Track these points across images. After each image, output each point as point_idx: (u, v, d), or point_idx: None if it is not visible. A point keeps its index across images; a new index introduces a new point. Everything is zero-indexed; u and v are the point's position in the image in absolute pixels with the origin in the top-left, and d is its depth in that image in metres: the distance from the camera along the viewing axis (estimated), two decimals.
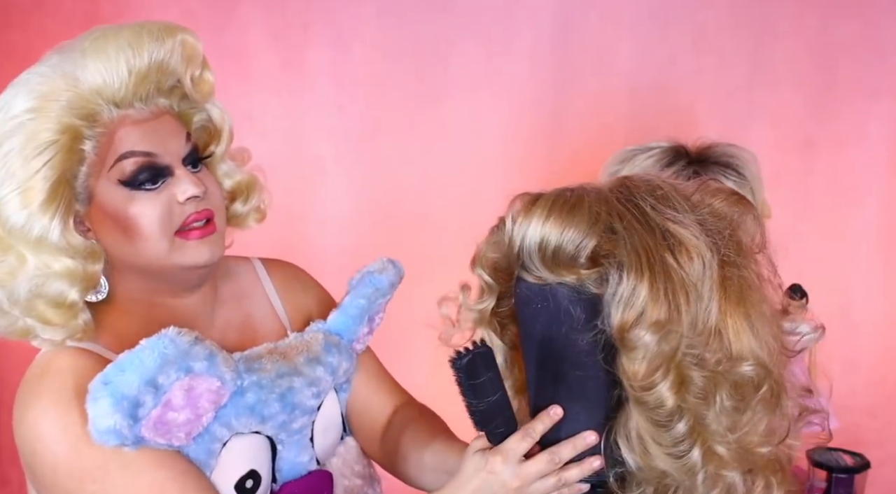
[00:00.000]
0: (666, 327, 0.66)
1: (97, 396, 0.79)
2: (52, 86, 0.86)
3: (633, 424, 0.69)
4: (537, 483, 0.76)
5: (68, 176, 0.86)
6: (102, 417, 0.79)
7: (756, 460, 0.70)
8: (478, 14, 2.00)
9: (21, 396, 0.87)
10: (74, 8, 2.14)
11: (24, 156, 0.83)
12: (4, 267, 0.85)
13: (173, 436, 0.85)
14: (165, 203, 0.88)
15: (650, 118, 1.91)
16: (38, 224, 0.84)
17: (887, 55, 1.84)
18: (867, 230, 1.91)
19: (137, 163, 0.87)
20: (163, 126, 0.90)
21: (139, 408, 0.81)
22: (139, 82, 0.88)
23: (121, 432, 0.80)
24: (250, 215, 1.05)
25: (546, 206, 0.70)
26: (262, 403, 0.92)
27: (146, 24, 0.90)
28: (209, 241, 0.91)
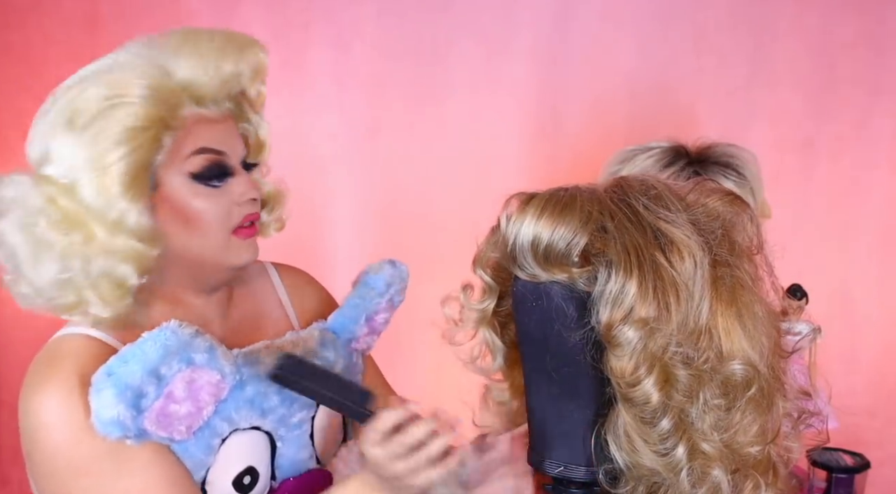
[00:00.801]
0: (651, 325, 0.66)
1: (101, 387, 0.80)
2: (142, 74, 0.88)
3: (621, 422, 0.69)
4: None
5: (147, 163, 0.88)
6: (106, 408, 0.80)
7: (745, 459, 0.70)
8: (478, 14, 2.00)
9: (28, 380, 0.88)
10: (74, 8, 2.14)
11: (113, 140, 0.86)
12: (76, 241, 0.87)
13: (174, 429, 0.86)
14: (226, 201, 0.93)
15: (650, 118, 1.91)
16: (116, 207, 0.86)
17: (887, 55, 1.84)
18: (867, 230, 1.91)
19: (210, 160, 0.91)
20: (229, 128, 0.95)
21: (142, 399, 0.82)
22: (221, 85, 0.93)
23: (124, 423, 0.81)
24: (272, 224, 1.09)
25: (539, 205, 0.71)
26: (262, 396, 0.94)
27: (236, 35, 0.97)
28: (252, 243, 0.96)
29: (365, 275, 1.11)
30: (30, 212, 0.87)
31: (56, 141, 0.88)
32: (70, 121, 0.87)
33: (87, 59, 0.93)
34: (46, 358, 0.90)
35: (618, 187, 0.73)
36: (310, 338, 1.04)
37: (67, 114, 0.87)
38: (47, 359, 0.89)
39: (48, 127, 0.89)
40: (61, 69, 0.94)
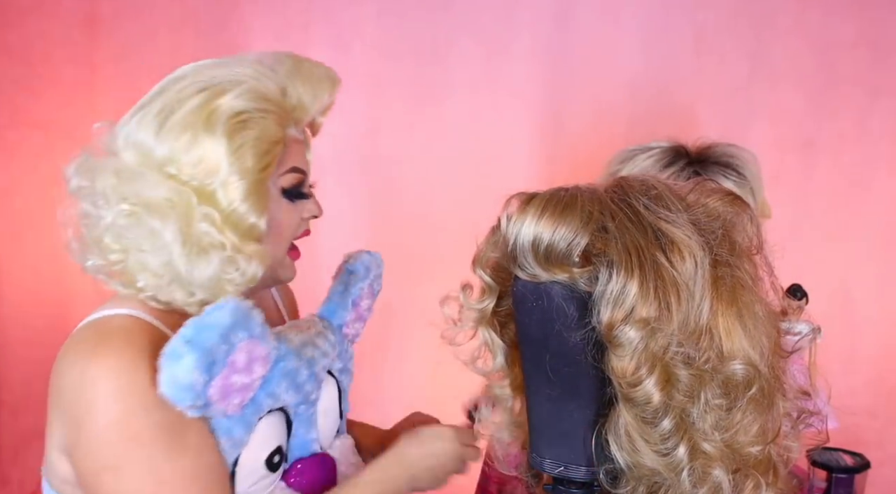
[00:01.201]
0: (652, 325, 0.66)
1: (180, 353, 0.83)
2: (270, 91, 0.95)
3: (622, 421, 0.69)
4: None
5: (272, 174, 0.96)
6: (185, 373, 0.83)
7: (746, 459, 0.70)
8: (478, 14, 2.01)
9: (75, 354, 0.89)
10: (74, 8, 2.14)
11: (257, 151, 0.92)
12: (227, 243, 0.91)
13: (229, 402, 0.90)
14: (297, 218, 1.01)
15: (650, 118, 1.91)
16: (252, 212, 0.92)
17: (888, 54, 1.84)
18: (867, 230, 1.91)
19: (297, 179, 0.99)
20: (306, 152, 1.04)
21: (214, 365, 0.85)
22: (314, 113, 1.02)
23: (195, 389, 0.84)
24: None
25: (540, 205, 0.71)
26: (296, 371, 0.99)
27: (329, 69, 1.04)
28: (294, 264, 1.05)
29: (345, 264, 1.17)
30: (182, 214, 0.90)
31: (198, 143, 0.90)
32: (209, 126, 0.90)
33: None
34: (95, 333, 0.91)
35: (618, 187, 0.73)
36: (312, 322, 1.09)
37: (203, 118, 0.90)
38: (97, 335, 0.90)
39: (177, 127, 0.90)
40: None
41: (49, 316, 2.25)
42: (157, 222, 0.90)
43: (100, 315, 0.93)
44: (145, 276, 0.92)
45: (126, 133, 0.94)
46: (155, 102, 0.93)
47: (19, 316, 2.22)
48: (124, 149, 0.93)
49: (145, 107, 0.94)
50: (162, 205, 0.89)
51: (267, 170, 0.93)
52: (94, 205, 0.93)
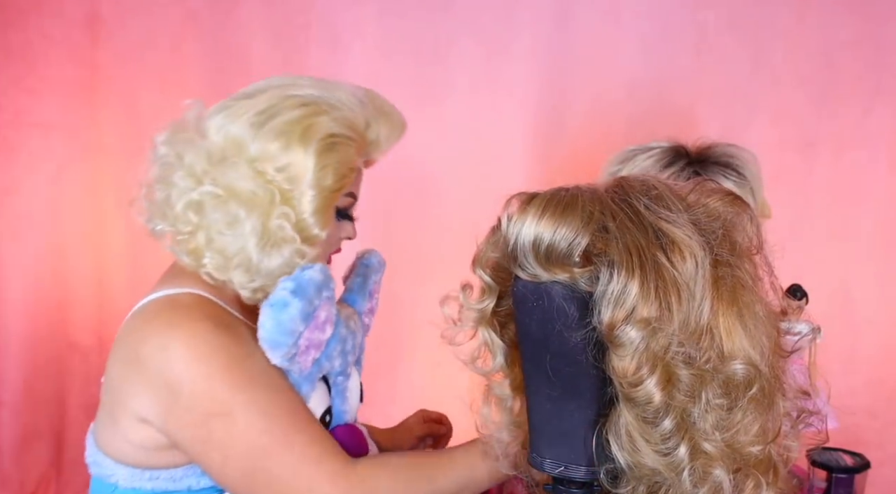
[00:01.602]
0: (653, 325, 0.66)
1: (287, 302, 0.95)
2: (359, 123, 1.04)
3: (622, 421, 0.69)
4: None
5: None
6: (290, 319, 0.94)
7: (746, 459, 0.70)
8: (478, 14, 2.01)
9: (152, 328, 0.97)
10: (74, 8, 2.14)
11: (337, 173, 1.02)
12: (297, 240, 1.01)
13: (307, 357, 1.00)
14: (337, 235, 1.11)
15: (650, 118, 1.91)
16: (318, 226, 1.02)
17: (887, 55, 1.84)
18: (867, 230, 1.91)
19: (351, 203, 1.11)
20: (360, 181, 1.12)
21: (308, 318, 0.96)
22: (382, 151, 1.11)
23: (295, 336, 0.95)
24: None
25: (540, 205, 0.71)
26: (346, 340, 1.08)
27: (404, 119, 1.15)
28: None
29: (360, 259, 1.24)
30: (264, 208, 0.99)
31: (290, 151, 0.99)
32: (304, 139, 0.99)
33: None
34: (168, 308, 0.99)
35: (619, 187, 0.73)
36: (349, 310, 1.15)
37: (300, 130, 0.99)
38: (170, 309, 0.99)
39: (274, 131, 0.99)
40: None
41: (49, 317, 2.25)
42: (242, 211, 0.98)
43: (164, 293, 1.01)
44: (212, 254, 1.00)
45: (220, 121, 1.01)
46: (256, 102, 1.01)
47: (19, 316, 2.22)
48: (215, 133, 1.01)
49: (244, 102, 1.02)
50: (248, 195, 0.98)
51: (339, 192, 1.03)
52: (178, 176, 1.00)
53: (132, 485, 1.00)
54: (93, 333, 2.28)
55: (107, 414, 1.02)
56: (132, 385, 0.97)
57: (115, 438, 1.01)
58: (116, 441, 1.01)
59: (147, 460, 0.99)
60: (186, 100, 1.04)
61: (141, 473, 1.00)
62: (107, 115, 2.17)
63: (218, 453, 0.95)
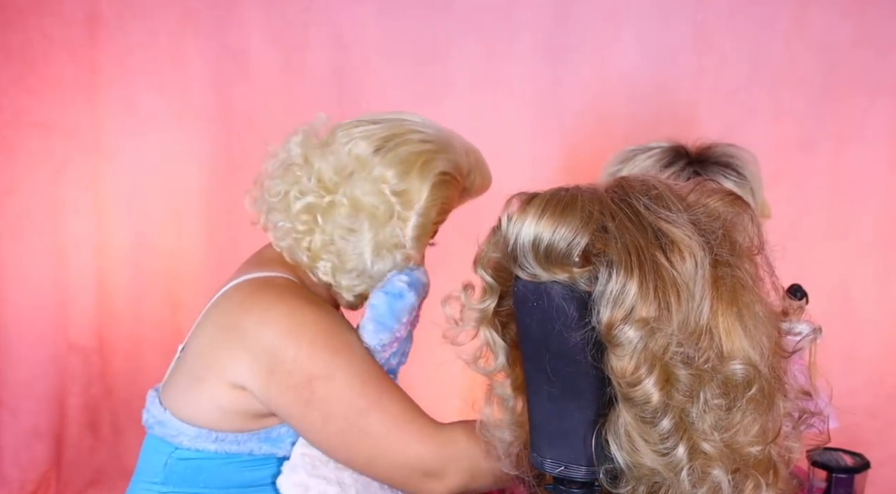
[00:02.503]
0: (651, 324, 0.66)
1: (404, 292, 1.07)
2: (464, 168, 1.15)
3: (622, 421, 0.69)
4: None
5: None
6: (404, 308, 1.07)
7: (745, 459, 0.70)
8: (478, 13, 2.01)
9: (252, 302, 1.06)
10: (74, 8, 2.14)
11: (440, 208, 1.13)
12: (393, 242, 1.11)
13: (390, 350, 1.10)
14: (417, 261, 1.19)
15: (650, 118, 1.91)
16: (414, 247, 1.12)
17: (887, 55, 1.84)
18: (867, 230, 1.91)
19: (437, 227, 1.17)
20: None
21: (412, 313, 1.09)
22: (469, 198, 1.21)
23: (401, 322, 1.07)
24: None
25: (540, 205, 0.71)
26: (407, 342, 1.16)
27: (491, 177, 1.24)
28: None
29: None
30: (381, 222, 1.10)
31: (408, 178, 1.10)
32: (423, 171, 1.10)
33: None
34: (268, 286, 1.09)
35: (618, 187, 0.73)
36: None
37: (420, 162, 1.10)
38: (270, 287, 1.09)
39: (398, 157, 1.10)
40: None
41: (49, 317, 2.25)
42: (364, 222, 1.10)
43: (258, 275, 1.10)
44: (329, 257, 1.11)
45: (347, 138, 1.12)
46: (385, 128, 1.12)
47: (19, 316, 2.22)
48: (341, 148, 1.11)
49: (372, 126, 1.13)
50: (371, 209, 1.09)
51: (438, 224, 1.15)
52: (305, 178, 1.11)
53: (196, 446, 1.07)
54: (93, 333, 2.28)
55: (189, 379, 1.08)
56: (231, 351, 1.05)
57: (198, 401, 1.07)
58: (199, 403, 1.07)
59: (228, 424, 1.06)
60: (321, 114, 1.17)
61: (208, 434, 1.06)
62: (107, 115, 2.17)
63: (319, 412, 1.03)
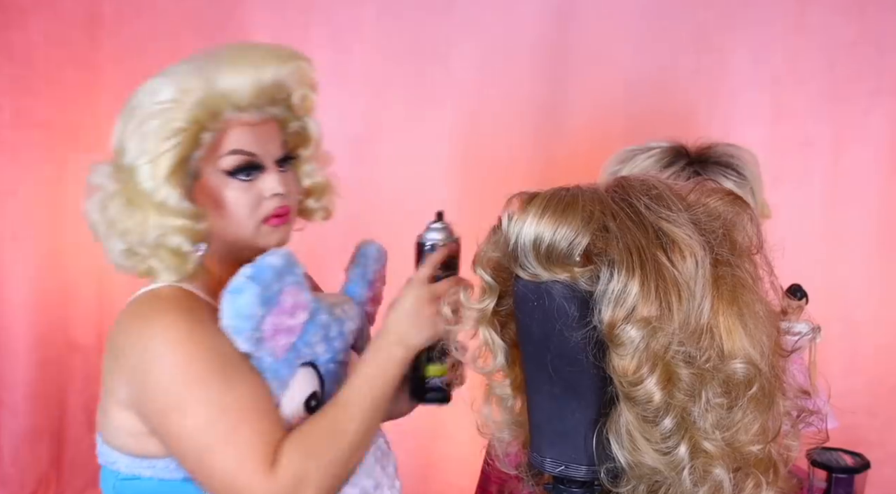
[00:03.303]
0: (653, 324, 0.66)
1: (243, 287, 0.99)
2: (191, 83, 1.05)
3: (623, 420, 0.69)
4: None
5: (187, 157, 1.06)
6: (247, 304, 0.99)
7: (746, 458, 0.70)
8: (478, 14, 2.01)
9: (134, 318, 1.05)
10: (74, 8, 2.14)
11: (160, 137, 1.04)
12: (137, 220, 1.05)
13: (277, 343, 1.03)
14: (255, 194, 1.09)
15: (650, 118, 1.91)
16: (161, 191, 1.04)
17: (888, 55, 1.84)
18: (867, 230, 1.91)
19: (241, 160, 1.08)
20: (266, 131, 1.10)
21: (270, 300, 1.00)
22: (258, 94, 1.08)
23: (254, 320, 0.99)
24: (318, 212, 1.25)
25: (541, 205, 0.71)
26: (329, 326, 1.11)
27: (276, 49, 1.13)
28: (281, 229, 1.12)
29: (360, 249, 1.28)
30: (106, 196, 1.07)
31: (126, 134, 1.07)
32: (135, 119, 1.06)
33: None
34: (149, 300, 1.06)
35: (619, 187, 0.73)
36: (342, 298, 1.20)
37: (134, 112, 1.06)
38: (150, 301, 1.06)
39: (122, 122, 1.08)
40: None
41: (49, 317, 2.25)
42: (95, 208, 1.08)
43: (152, 287, 1.08)
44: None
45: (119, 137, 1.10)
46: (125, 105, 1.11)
47: (19, 317, 2.22)
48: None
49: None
50: (100, 192, 1.08)
51: (176, 153, 1.04)
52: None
53: (132, 472, 1.06)
54: (93, 333, 2.28)
55: (102, 405, 1.09)
56: (115, 374, 1.05)
57: (110, 426, 1.08)
58: (111, 429, 1.08)
59: (139, 447, 1.05)
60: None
61: (140, 461, 1.06)
62: (107, 115, 2.17)
63: (175, 443, 1.01)
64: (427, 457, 2.16)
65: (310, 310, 1.08)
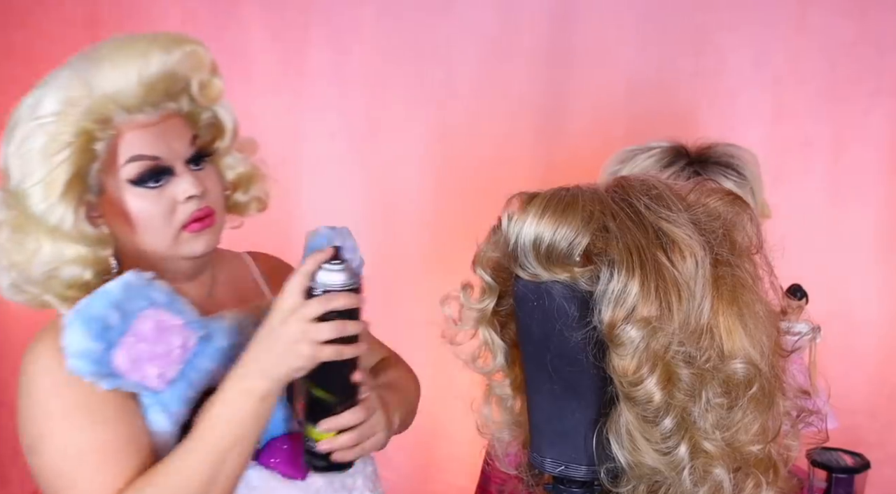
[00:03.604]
0: (653, 324, 0.66)
1: (69, 323, 0.89)
2: (72, 91, 0.95)
3: (623, 421, 0.69)
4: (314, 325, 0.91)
5: (82, 172, 0.96)
6: (76, 341, 0.88)
7: (746, 458, 0.71)
8: (477, 14, 2.01)
9: (29, 349, 0.99)
10: (74, 8, 2.14)
11: (45, 155, 0.94)
12: (23, 251, 0.96)
13: (146, 374, 0.92)
14: (168, 200, 0.98)
15: (650, 118, 1.91)
16: (54, 214, 0.95)
17: (888, 55, 1.84)
18: (867, 230, 1.91)
19: (144, 166, 0.97)
20: (170, 129, 0.99)
21: (108, 331, 0.89)
22: (148, 90, 0.97)
23: (94, 356, 0.88)
24: (251, 204, 1.15)
25: (541, 205, 0.71)
26: (236, 348, 0.98)
27: (158, 36, 0.99)
28: (206, 234, 1.02)
29: (306, 242, 1.14)
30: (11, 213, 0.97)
31: (9, 156, 0.96)
32: (16, 138, 0.96)
33: None
34: (39, 336, 0.99)
35: (619, 187, 0.73)
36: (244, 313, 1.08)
37: (15, 130, 0.96)
38: (40, 336, 0.99)
39: (5, 142, 0.97)
40: None
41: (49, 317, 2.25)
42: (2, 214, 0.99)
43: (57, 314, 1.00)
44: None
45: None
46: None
47: (20, 317, 2.22)
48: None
49: None
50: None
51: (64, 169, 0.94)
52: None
53: None
54: None
55: None
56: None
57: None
58: None
59: None
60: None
61: None
62: None
63: (37, 480, 0.96)
64: (427, 457, 2.15)
65: (193, 333, 0.96)
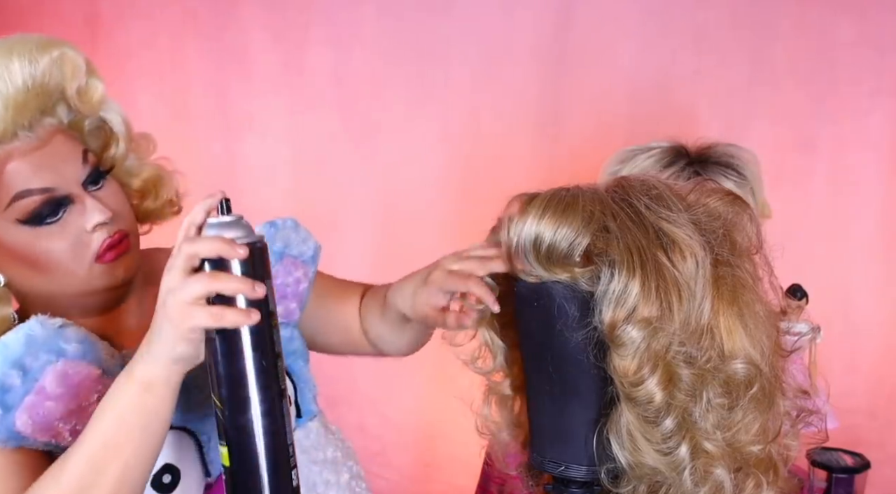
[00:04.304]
0: (654, 324, 0.66)
1: None
2: None
3: (623, 421, 0.69)
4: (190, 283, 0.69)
5: None
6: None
7: (747, 458, 0.71)
8: (478, 15, 2.01)
9: None
10: (74, 8, 2.14)
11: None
12: None
13: (56, 432, 0.80)
14: (73, 234, 0.85)
15: (650, 118, 1.91)
16: None
17: (888, 55, 1.84)
18: (867, 230, 1.91)
19: (35, 202, 0.83)
20: (55, 151, 0.85)
21: (7, 394, 0.77)
22: (18, 112, 0.81)
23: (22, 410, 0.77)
24: (164, 209, 1.02)
25: (541, 205, 0.71)
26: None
27: (15, 46, 0.82)
28: (123, 260, 0.89)
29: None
30: None
31: None
32: None
33: None
34: None
35: (619, 187, 0.73)
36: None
37: None
38: None
39: None
40: None
41: None
42: None
43: None
44: None
45: None
46: None
47: None
48: None
49: None
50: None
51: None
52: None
53: None
54: None
55: None
56: None
57: None
58: None
59: None
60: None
61: None
62: None
63: None
64: (427, 457, 2.15)
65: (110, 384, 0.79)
